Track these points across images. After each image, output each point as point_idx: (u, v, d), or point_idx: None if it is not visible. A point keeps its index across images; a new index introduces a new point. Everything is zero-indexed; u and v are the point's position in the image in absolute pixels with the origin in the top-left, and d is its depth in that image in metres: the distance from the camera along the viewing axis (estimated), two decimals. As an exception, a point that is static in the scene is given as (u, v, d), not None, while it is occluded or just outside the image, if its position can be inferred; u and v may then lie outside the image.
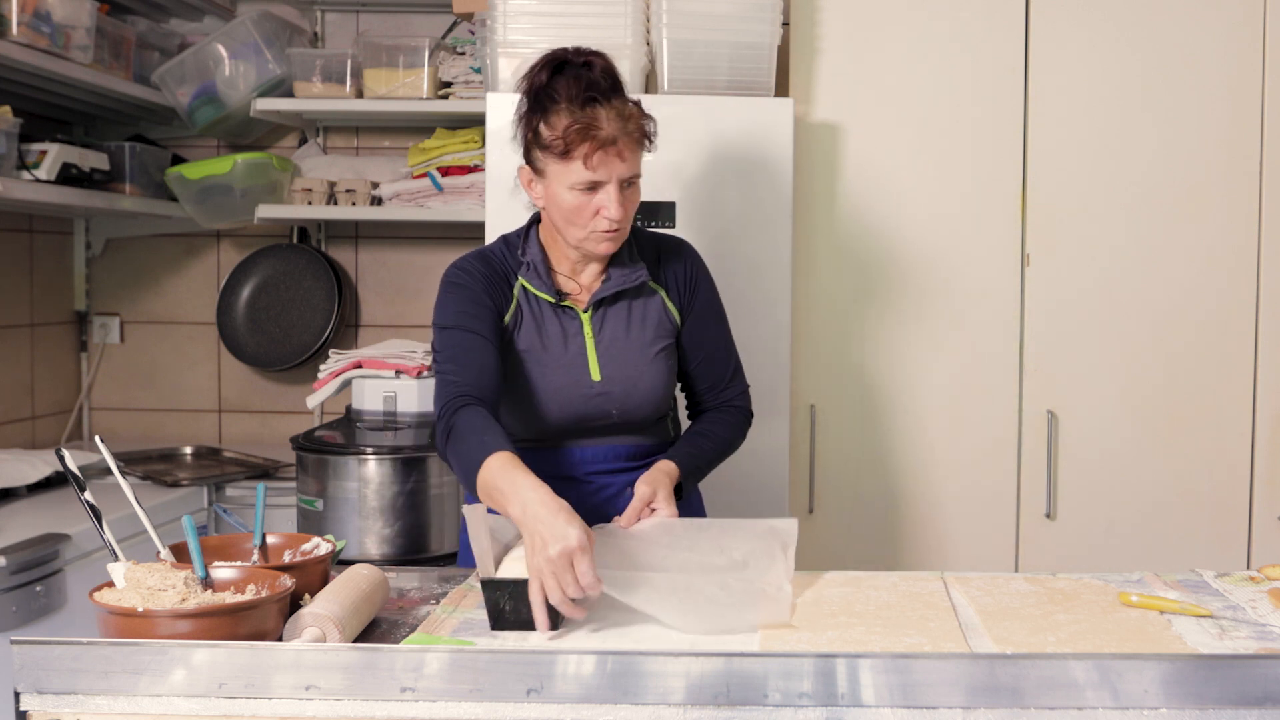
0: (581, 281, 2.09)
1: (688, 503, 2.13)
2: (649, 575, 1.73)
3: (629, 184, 1.98)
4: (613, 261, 2.08)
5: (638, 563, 1.77)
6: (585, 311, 2.08)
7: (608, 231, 1.98)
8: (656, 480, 1.96)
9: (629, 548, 1.82)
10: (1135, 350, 3.01)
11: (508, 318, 2.06)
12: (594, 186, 1.95)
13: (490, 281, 2.05)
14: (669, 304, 2.13)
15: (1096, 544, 3.03)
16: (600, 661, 1.40)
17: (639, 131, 1.98)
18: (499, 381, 1.98)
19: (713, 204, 2.83)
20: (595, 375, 2.06)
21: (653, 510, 1.93)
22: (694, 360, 2.16)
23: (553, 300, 2.06)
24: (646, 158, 2.77)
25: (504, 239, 2.14)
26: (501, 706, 1.40)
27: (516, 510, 1.68)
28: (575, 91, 1.94)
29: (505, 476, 1.73)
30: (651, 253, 2.15)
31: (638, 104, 2.00)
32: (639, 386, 2.08)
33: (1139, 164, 3.00)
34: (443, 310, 2.04)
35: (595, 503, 2.08)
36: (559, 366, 2.06)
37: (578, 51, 2.00)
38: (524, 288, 2.07)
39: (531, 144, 2.01)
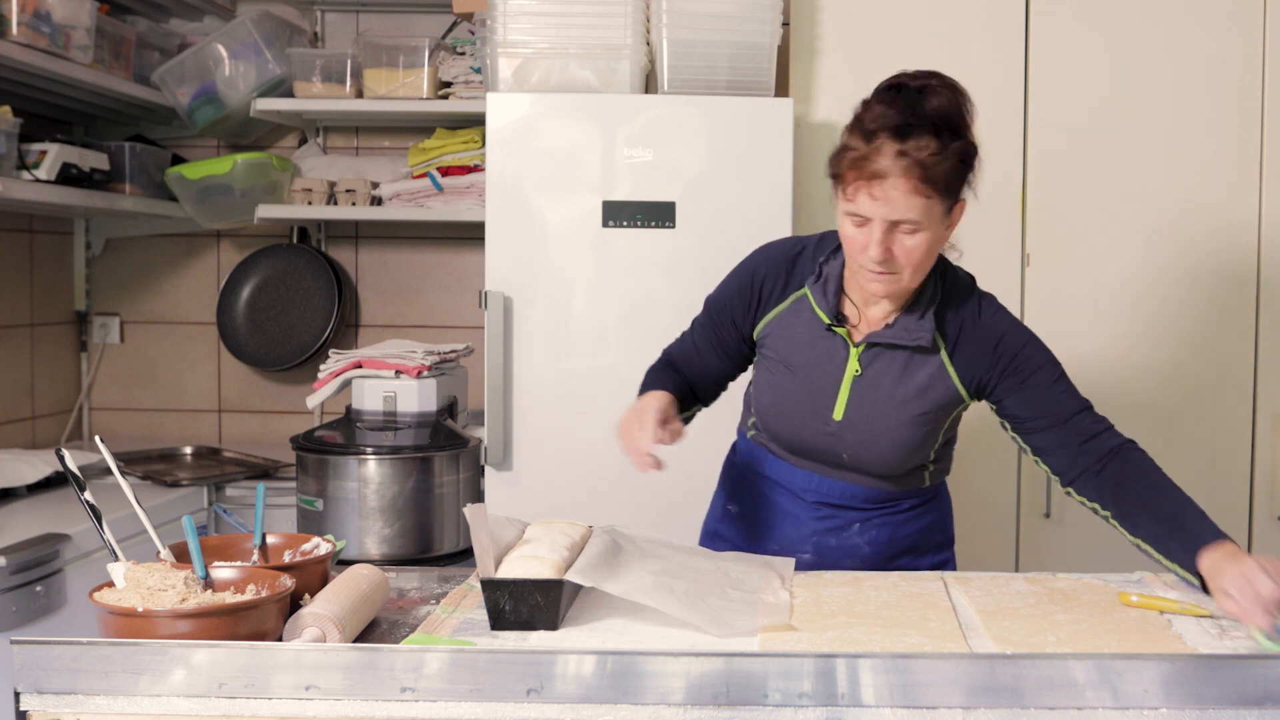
0: (868, 314, 1.96)
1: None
2: (649, 565, 1.74)
3: (909, 230, 1.81)
4: (908, 309, 1.94)
5: (637, 564, 1.77)
6: (857, 346, 1.96)
7: (873, 271, 1.85)
8: (1251, 569, 1.62)
9: (629, 552, 1.82)
10: (1135, 350, 3.01)
11: (764, 322, 2.02)
12: (863, 221, 1.83)
13: (768, 287, 2.01)
14: (955, 378, 1.95)
15: (1096, 544, 3.03)
16: (600, 661, 1.40)
17: (922, 174, 1.78)
18: (709, 371, 2.09)
19: (713, 204, 2.83)
20: (838, 414, 1.96)
21: None
22: (1041, 428, 1.93)
23: (828, 322, 1.95)
24: (645, 157, 2.76)
25: (823, 237, 2.02)
26: (501, 706, 1.40)
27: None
28: (872, 117, 1.82)
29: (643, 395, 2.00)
30: (962, 314, 1.95)
31: (956, 145, 1.81)
32: (879, 442, 1.96)
33: (1139, 164, 3.00)
34: (723, 285, 2.09)
35: (819, 529, 2.05)
36: (805, 390, 1.98)
37: (916, 76, 1.86)
38: (806, 297, 1.98)
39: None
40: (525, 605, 1.62)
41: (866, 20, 3.02)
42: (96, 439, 1.76)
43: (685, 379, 2.08)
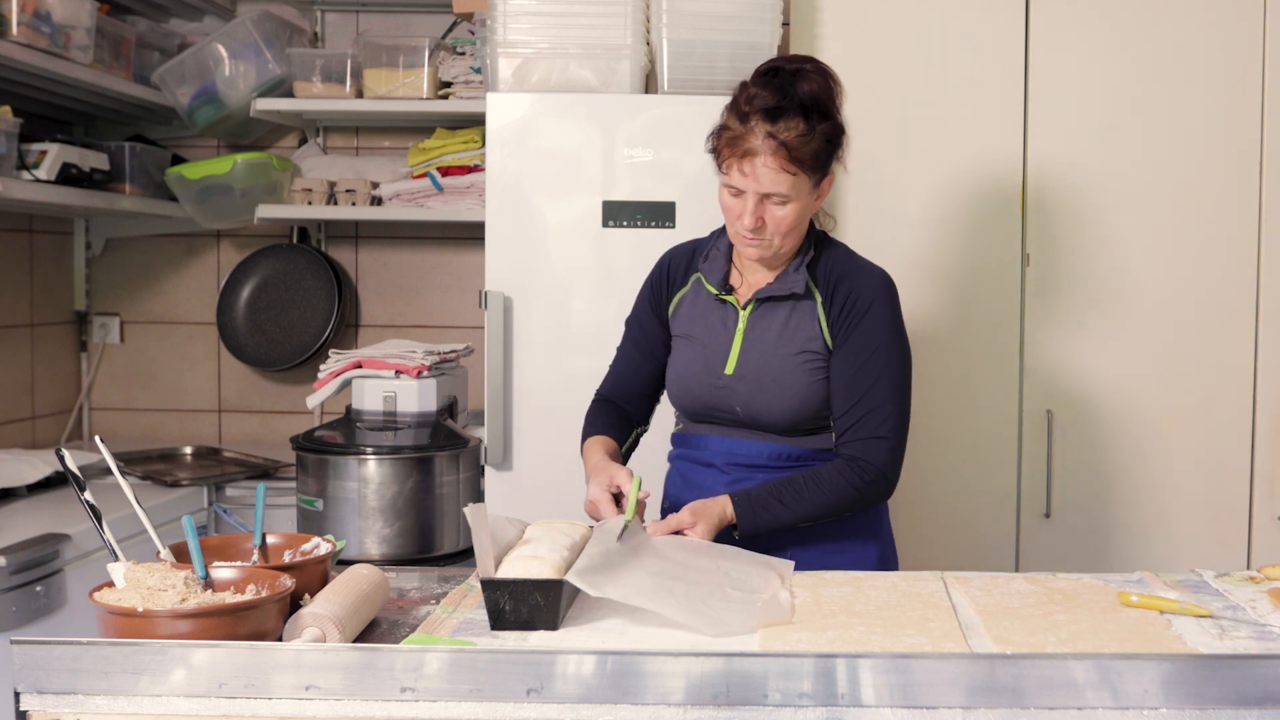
0: (751, 280, 2.15)
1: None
2: (649, 566, 1.74)
3: (778, 201, 2.01)
4: (786, 267, 2.12)
5: (637, 565, 1.77)
6: (744, 308, 2.13)
7: (747, 238, 2.05)
8: (703, 512, 1.98)
9: (628, 552, 1.82)
10: (1135, 350, 3.01)
11: (672, 305, 2.21)
12: (738, 193, 2.03)
13: (674, 272, 2.22)
14: (822, 319, 2.09)
15: (1096, 544, 3.03)
16: (600, 661, 1.40)
17: (789, 154, 1.97)
18: (638, 380, 2.25)
19: (712, 204, 2.82)
20: (729, 369, 2.11)
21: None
22: (832, 391, 2.09)
23: (715, 292, 2.15)
24: (645, 157, 2.80)
25: (719, 231, 2.20)
26: (501, 706, 1.40)
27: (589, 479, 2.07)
28: (747, 98, 2.00)
29: (588, 454, 2.15)
30: (838, 269, 2.12)
31: (823, 126, 2.00)
32: (767, 389, 2.08)
33: (1139, 163, 3.00)
34: (640, 291, 2.28)
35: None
36: (702, 354, 2.14)
37: (791, 60, 2.05)
38: (699, 279, 2.19)
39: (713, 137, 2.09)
40: (525, 605, 1.62)
41: (866, 20, 3.02)
42: (96, 439, 1.77)
43: (620, 408, 2.26)
